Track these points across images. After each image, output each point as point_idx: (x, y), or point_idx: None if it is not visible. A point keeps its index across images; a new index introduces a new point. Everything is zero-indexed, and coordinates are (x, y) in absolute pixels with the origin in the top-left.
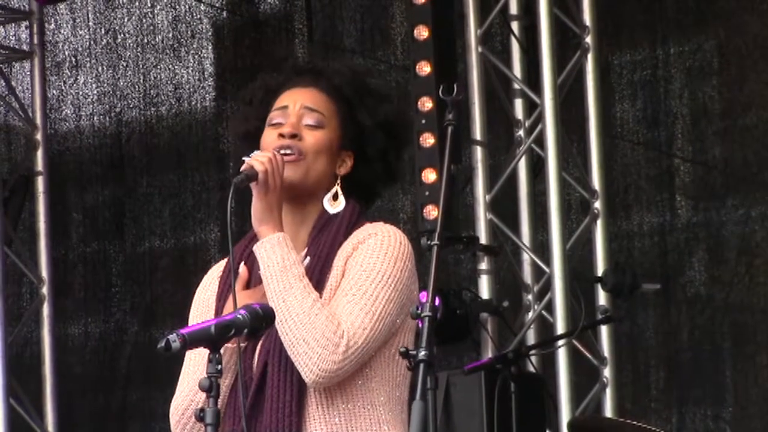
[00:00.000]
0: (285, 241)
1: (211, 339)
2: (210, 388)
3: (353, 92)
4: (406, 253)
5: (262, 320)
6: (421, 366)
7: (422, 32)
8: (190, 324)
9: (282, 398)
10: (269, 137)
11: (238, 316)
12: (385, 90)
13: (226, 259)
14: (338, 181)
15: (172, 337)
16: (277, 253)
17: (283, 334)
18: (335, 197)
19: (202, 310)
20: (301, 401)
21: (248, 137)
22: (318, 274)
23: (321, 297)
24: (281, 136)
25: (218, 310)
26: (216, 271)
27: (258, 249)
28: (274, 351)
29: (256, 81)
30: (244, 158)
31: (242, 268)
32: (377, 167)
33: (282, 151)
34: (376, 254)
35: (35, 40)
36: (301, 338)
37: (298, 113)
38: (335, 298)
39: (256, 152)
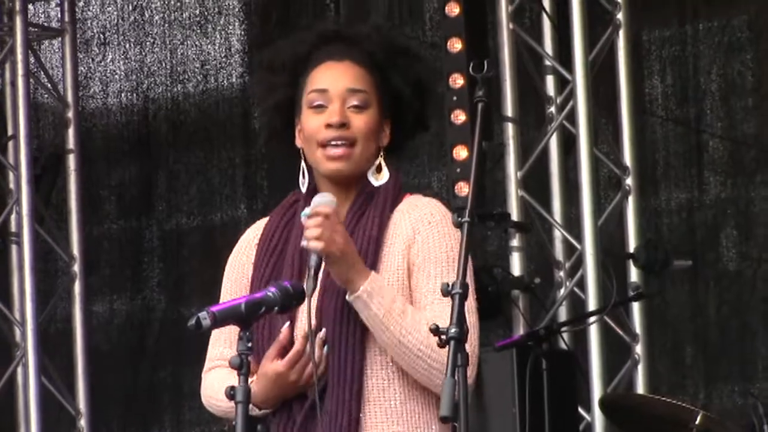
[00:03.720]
0: (375, 284)
1: (242, 317)
2: (240, 365)
3: (385, 57)
4: (457, 231)
5: (293, 298)
6: (452, 343)
7: (453, 8)
8: (223, 290)
9: (342, 385)
10: (313, 123)
11: (269, 293)
12: (412, 45)
13: (264, 222)
14: (381, 154)
15: (203, 314)
16: (374, 305)
17: (411, 369)
18: (379, 170)
19: (237, 275)
20: (361, 389)
21: (280, 108)
22: (372, 255)
23: (378, 273)
24: (329, 126)
25: (254, 281)
26: (252, 234)
27: (355, 303)
28: (339, 340)
29: (279, 48)
30: (302, 242)
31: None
32: (412, 129)
33: (333, 143)
34: (444, 241)
35: (66, 18)
36: (434, 368)
37: (342, 96)
38: (430, 306)
39: (304, 218)
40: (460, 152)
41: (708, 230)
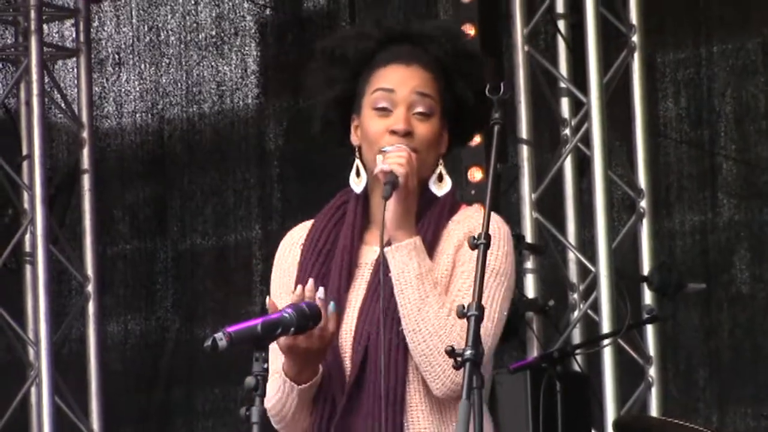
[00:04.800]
0: (421, 247)
1: (258, 338)
2: (256, 386)
3: (452, 62)
4: (512, 245)
5: (309, 319)
6: (467, 365)
7: (469, 31)
8: (273, 295)
9: (385, 389)
10: (376, 126)
11: (285, 314)
12: (477, 50)
13: (309, 224)
14: (441, 162)
15: (219, 335)
16: (414, 259)
17: (415, 343)
18: (440, 178)
19: (287, 279)
20: (404, 393)
21: (337, 103)
22: None
23: None
24: (393, 132)
25: (299, 281)
26: (297, 235)
27: (392, 253)
28: (382, 343)
29: (341, 39)
30: (378, 162)
31: (310, 285)
32: (470, 134)
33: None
34: (493, 251)
35: (81, 38)
36: (436, 350)
37: (408, 100)
38: (452, 296)
39: (389, 150)
40: (475, 174)
41: (721, 253)
